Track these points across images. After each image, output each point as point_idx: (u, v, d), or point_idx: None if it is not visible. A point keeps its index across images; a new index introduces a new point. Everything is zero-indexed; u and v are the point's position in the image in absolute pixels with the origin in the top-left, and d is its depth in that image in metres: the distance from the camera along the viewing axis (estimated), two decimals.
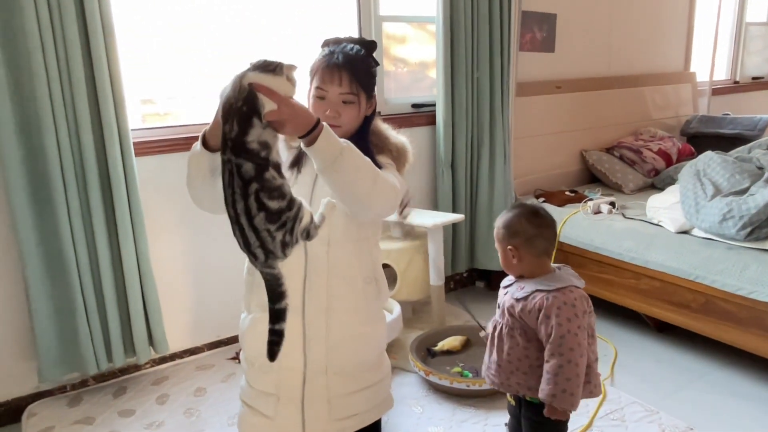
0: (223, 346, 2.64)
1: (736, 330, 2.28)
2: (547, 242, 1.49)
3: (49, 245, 2.07)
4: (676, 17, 4.12)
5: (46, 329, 2.11)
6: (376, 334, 1.61)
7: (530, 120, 3.36)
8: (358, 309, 1.54)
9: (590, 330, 1.46)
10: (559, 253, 2.91)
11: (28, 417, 2.16)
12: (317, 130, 1.23)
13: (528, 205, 1.55)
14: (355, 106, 1.46)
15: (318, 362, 1.51)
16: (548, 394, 1.39)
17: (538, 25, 3.32)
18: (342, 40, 1.52)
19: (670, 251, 2.47)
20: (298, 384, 1.52)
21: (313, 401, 1.52)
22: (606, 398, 2.18)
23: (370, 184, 1.31)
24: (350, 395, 1.56)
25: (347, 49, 1.47)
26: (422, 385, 2.30)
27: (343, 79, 1.43)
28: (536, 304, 1.42)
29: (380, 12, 2.87)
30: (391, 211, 1.45)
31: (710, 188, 2.56)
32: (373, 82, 1.51)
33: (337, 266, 1.49)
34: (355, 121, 1.49)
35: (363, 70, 1.47)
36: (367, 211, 1.40)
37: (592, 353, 1.46)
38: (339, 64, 1.43)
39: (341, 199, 1.35)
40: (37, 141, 1.98)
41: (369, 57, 1.51)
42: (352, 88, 1.44)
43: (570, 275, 1.49)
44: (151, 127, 2.40)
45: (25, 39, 1.88)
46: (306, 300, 1.48)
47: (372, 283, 1.57)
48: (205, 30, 2.49)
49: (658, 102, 4.09)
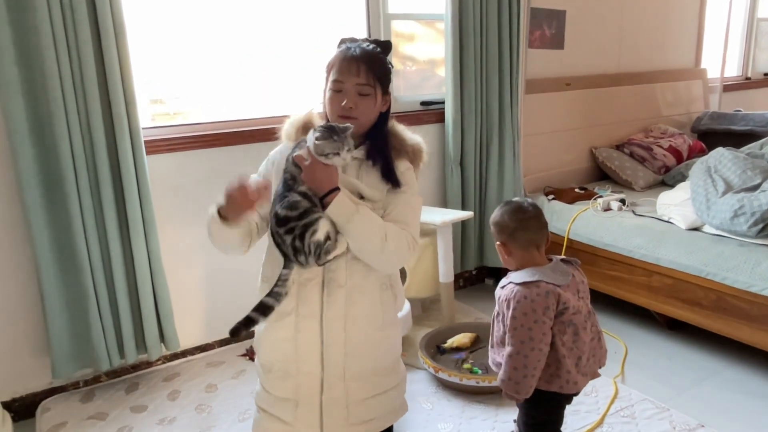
0: (233, 343, 2.65)
1: (748, 327, 2.27)
2: (530, 233, 1.54)
3: (62, 242, 2.09)
4: (687, 13, 4.09)
5: (59, 325, 2.14)
6: (392, 339, 1.63)
7: (540, 117, 3.35)
8: (375, 315, 1.55)
9: (574, 328, 1.50)
10: (569, 250, 2.91)
11: (42, 412, 2.19)
12: (330, 196, 1.39)
13: (513, 201, 1.61)
14: (372, 98, 1.48)
15: (336, 367, 1.52)
16: (499, 378, 1.53)
17: (547, 21, 3.31)
18: (357, 40, 1.55)
19: (681, 248, 2.46)
20: (317, 389, 1.53)
21: (331, 406, 1.54)
22: (617, 395, 2.17)
23: (378, 250, 1.43)
24: (367, 400, 1.57)
25: (364, 45, 1.51)
26: (432, 382, 2.31)
27: (361, 70, 1.46)
28: (506, 294, 1.53)
29: (389, 10, 2.87)
30: (404, 264, 1.57)
31: (721, 185, 2.55)
32: (388, 79, 1.54)
33: (355, 274, 1.51)
34: (371, 114, 1.51)
35: (379, 64, 1.50)
36: (377, 269, 1.51)
37: (567, 349, 1.49)
38: (356, 56, 1.47)
39: (356, 255, 1.47)
40: (49, 139, 2.00)
41: (385, 55, 1.54)
42: (369, 80, 1.46)
43: (554, 270, 1.52)
44: (162, 126, 2.41)
45: (38, 37, 1.90)
46: (324, 306, 1.50)
47: (388, 289, 1.58)
48: (212, 30, 2.51)
49: (669, 99, 4.06)
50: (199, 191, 2.45)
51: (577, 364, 1.52)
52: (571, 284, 1.52)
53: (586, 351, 1.53)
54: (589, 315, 1.57)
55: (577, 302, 1.52)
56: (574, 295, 1.52)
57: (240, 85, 2.64)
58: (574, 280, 1.55)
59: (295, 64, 2.70)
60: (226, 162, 2.48)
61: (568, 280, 1.51)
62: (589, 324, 1.55)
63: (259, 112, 2.62)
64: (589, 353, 1.56)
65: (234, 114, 2.60)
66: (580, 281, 1.58)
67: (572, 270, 1.56)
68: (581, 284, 1.58)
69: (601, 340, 1.61)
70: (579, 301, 1.53)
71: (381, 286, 1.56)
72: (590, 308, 1.59)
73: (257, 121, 2.58)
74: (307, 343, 1.50)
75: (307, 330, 1.49)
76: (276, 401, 1.57)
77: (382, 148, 1.52)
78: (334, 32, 2.80)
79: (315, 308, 1.49)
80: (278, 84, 2.69)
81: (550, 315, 1.46)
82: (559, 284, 1.48)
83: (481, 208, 3.13)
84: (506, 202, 1.62)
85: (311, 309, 1.49)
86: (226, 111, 2.60)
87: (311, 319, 1.49)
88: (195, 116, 2.57)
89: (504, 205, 1.61)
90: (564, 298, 1.47)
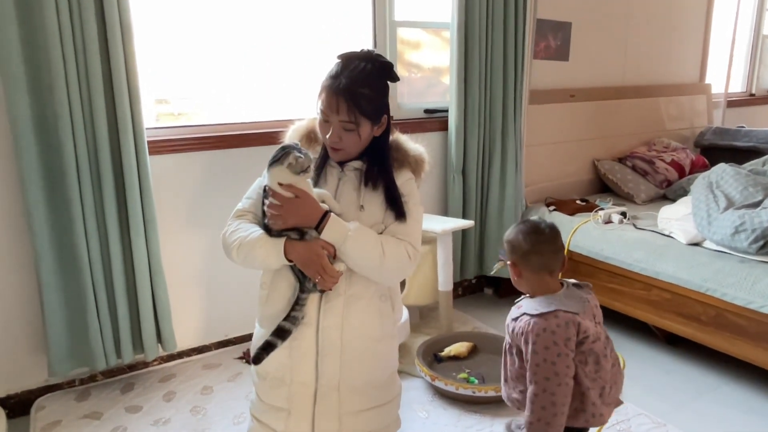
0: (230, 346, 2.65)
1: (747, 344, 2.26)
2: (544, 258, 1.46)
3: (62, 240, 2.09)
4: (693, 28, 4.10)
5: (57, 323, 2.14)
6: (389, 352, 1.61)
7: (543, 128, 3.35)
8: (373, 326, 1.54)
9: (595, 357, 1.42)
10: (569, 262, 2.87)
11: (37, 410, 2.18)
12: (323, 224, 1.41)
13: (531, 221, 1.53)
14: (355, 133, 1.45)
15: (331, 378, 1.50)
16: (526, 421, 1.40)
17: (552, 33, 3.32)
18: (354, 58, 1.45)
19: (681, 263, 2.46)
20: (310, 399, 1.51)
21: (324, 417, 1.52)
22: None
23: (377, 266, 1.44)
24: (361, 413, 1.55)
25: (355, 72, 1.42)
26: (428, 390, 2.30)
27: (341, 109, 1.41)
28: (521, 327, 1.42)
29: (395, 17, 2.88)
30: (406, 275, 1.55)
31: (723, 200, 2.54)
32: (380, 106, 1.47)
33: (355, 284, 1.50)
34: (356, 146, 1.48)
35: (366, 97, 1.42)
36: (380, 282, 1.52)
37: (591, 380, 1.41)
38: (339, 92, 1.41)
39: (357, 272, 1.48)
40: (53, 137, 2.00)
41: (381, 78, 1.47)
42: (350, 117, 1.42)
43: (569, 297, 1.44)
44: (166, 126, 2.42)
45: (45, 35, 1.91)
46: (321, 315, 1.48)
47: (387, 300, 1.57)
48: (220, 33, 2.52)
49: (673, 113, 4.07)
50: (202, 193, 2.45)
51: (601, 394, 1.43)
52: (587, 310, 1.44)
53: (608, 379, 1.45)
54: (607, 341, 1.49)
55: (595, 329, 1.43)
56: (591, 321, 1.44)
57: (245, 88, 2.65)
58: (589, 305, 1.47)
59: (300, 69, 2.71)
60: (229, 165, 2.49)
61: (584, 307, 1.43)
62: (608, 350, 1.47)
63: (263, 115, 2.63)
64: (612, 381, 1.47)
65: (238, 116, 2.60)
66: (594, 305, 1.49)
67: (586, 295, 1.49)
68: (596, 309, 1.49)
69: (619, 365, 1.53)
70: (597, 327, 1.45)
71: (381, 297, 1.55)
72: (606, 333, 1.50)
73: (261, 125, 2.59)
74: (303, 351, 1.49)
75: (303, 338, 1.48)
76: (269, 410, 1.55)
77: (382, 172, 1.50)
78: (340, 39, 2.82)
79: (312, 316, 1.48)
80: (283, 88, 2.70)
81: (572, 346, 1.37)
82: (576, 312, 1.40)
83: (482, 217, 3.13)
84: (523, 220, 1.54)
85: (308, 317, 1.48)
86: (231, 113, 2.61)
87: (307, 328, 1.48)
88: (200, 118, 2.57)
89: (520, 223, 1.52)
90: (584, 326, 1.39)
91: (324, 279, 1.42)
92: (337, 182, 1.53)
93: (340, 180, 1.53)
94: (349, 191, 1.51)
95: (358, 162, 1.51)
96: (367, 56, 1.46)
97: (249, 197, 1.59)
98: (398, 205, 1.49)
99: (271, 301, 1.53)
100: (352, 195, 1.50)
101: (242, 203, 1.58)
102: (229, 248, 1.50)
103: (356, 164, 1.52)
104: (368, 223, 1.48)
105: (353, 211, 1.49)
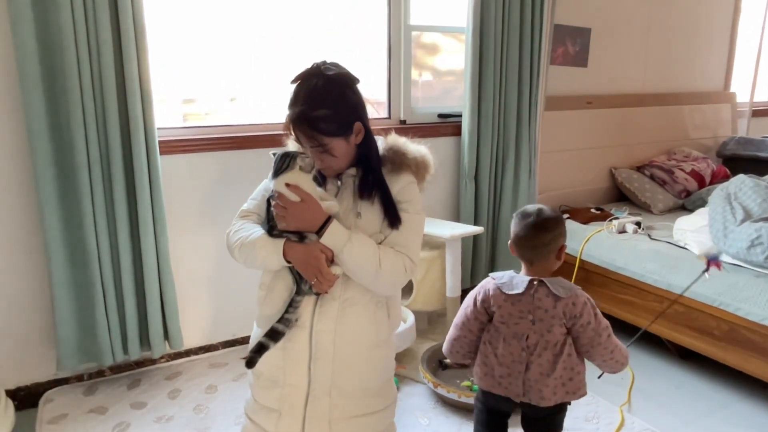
0: (238, 345, 2.67)
1: (761, 361, 2.20)
2: (519, 248, 1.59)
3: (73, 237, 2.13)
4: (718, 36, 4.02)
5: (66, 319, 2.17)
6: (384, 359, 1.60)
7: (559, 134, 3.31)
8: (368, 332, 1.53)
9: (497, 335, 1.56)
10: (581, 271, 2.86)
11: (45, 403, 2.22)
12: (324, 228, 1.42)
13: (529, 208, 1.59)
14: (328, 154, 1.44)
15: (323, 382, 1.49)
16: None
17: (571, 38, 3.28)
18: (304, 77, 1.42)
19: (694, 275, 2.38)
20: (301, 402, 1.51)
21: (314, 421, 1.51)
22: (623, 425, 2.12)
23: (372, 276, 1.44)
24: (352, 419, 1.53)
25: (308, 95, 1.40)
26: (431, 397, 2.28)
27: (304, 137, 1.42)
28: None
29: (410, 21, 2.87)
30: (400, 287, 1.56)
31: (740, 213, 2.48)
32: (344, 120, 1.43)
33: (351, 288, 1.49)
34: (340, 161, 1.47)
35: (324, 118, 1.39)
36: (374, 291, 1.51)
37: (490, 352, 1.58)
38: (295, 122, 1.40)
39: (352, 278, 1.48)
40: (66, 136, 2.04)
41: (336, 90, 1.41)
42: (313, 142, 1.41)
43: (518, 279, 1.57)
44: (178, 127, 2.45)
45: (60, 35, 1.95)
46: (315, 319, 1.48)
47: (383, 307, 1.56)
48: (236, 37, 2.54)
49: (695, 121, 3.99)
50: (212, 193, 2.47)
51: (494, 369, 1.57)
52: (523, 300, 1.53)
53: (503, 364, 1.55)
54: (537, 346, 1.51)
55: (515, 315, 1.53)
56: (516, 308, 1.53)
57: (258, 90, 2.66)
58: (532, 301, 1.52)
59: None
60: (240, 165, 2.51)
61: (516, 291, 1.54)
62: (519, 344, 1.53)
63: (274, 117, 2.64)
64: (509, 372, 1.55)
65: (250, 118, 2.62)
66: (545, 309, 1.51)
67: (545, 296, 1.51)
68: (542, 311, 1.51)
69: (550, 377, 1.52)
70: (520, 320, 1.53)
71: (377, 304, 1.53)
72: (546, 340, 1.51)
73: (272, 126, 2.60)
74: (296, 354, 1.48)
75: (297, 341, 1.48)
76: (261, 410, 1.55)
77: (376, 180, 1.49)
78: (355, 42, 2.82)
79: (306, 319, 1.48)
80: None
81: (476, 304, 1.59)
82: (505, 290, 1.54)
83: (494, 223, 3.10)
84: (524, 210, 1.60)
85: (302, 320, 1.48)
86: (244, 114, 2.63)
87: (301, 330, 1.48)
88: (224, 117, 2.61)
89: (521, 211, 1.61)
90: (495, 300, 1.56)
91: (320, 281, 1.42)
92: (337, 189, 1.53)
93: (340, 188, 1.53)
94: (348, 197, 1.51)
95: (353, 169, 1.51)
96: (315, 72, 1.42)
97: (254, 198, 1.60)
98: (393, 213, 1.48)
99: (268, 302, 1.53)
100: (350, 201, 1.50)
101: (247, 204, 1.59)
102: (231, 248, 1.52)
103: (351, 171, 1.51)
104: (365, 231, 1.47)
105: (351, 218, 1.48)
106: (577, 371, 1.55)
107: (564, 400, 1.55)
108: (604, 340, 1.54)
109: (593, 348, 1.54)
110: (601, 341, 1.53)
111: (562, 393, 1.54)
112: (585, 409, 2.20)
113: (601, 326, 1.54)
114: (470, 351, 1.66)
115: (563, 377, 1.53)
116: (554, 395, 1.53)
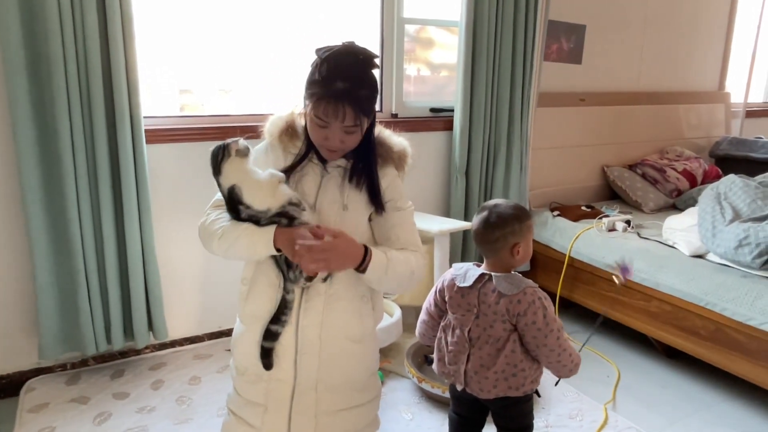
0: (223, 337, 2.65)
1: (746, 362, 2.20)
2: (476, 242, 1.62)
3: (56, 224, 2.11)
4: (713, 35, 4.00)
5: (49, 307, 2.16)
6: (368, 353, 1.59)
7: (551, 131, 3.30)
8: (353, 326, 1.52)
9: (447, 323, 1.63)
10: (570, 269, 2.85)
11: (27, 392, 2.20)
12: (366, 260, 1.41)
13: (488, 205, 1.59)
14: (358, 133, 1.41)
15: (309, 376, 1.49)
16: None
17: (565, 35, 3.27)
18: (341, 55, 1.36)
19: (682, 275, 2.40)
20: (287, 396, 1.50)
21: (300, 415, 1.51)
22: (607, 423, 2.12)
23: (407, 283, 1.51)
24: (338, 413, 1.54)
25: (349, 73, 1.34)
26: (415, 392, 2.28)
27: (347, 116, 1.34)
28: None
29: (403, 14, 2.85)
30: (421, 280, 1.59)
31: (729, 212, 2.47)
32: (374, 102, 1.42)
33: (336, 283, 1.48)
34: (356, 143, 1.44)
35: (366, 98, 1.37)
36: (395, 293, 1.55)
37: (444, 339, 1.64)
38: (341, 99, 1.33)
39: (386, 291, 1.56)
40: (50, 122, 2.02)
41: (370, 72, 1.39)
42: (355, 121, 1.36)
43: (471, 273, 1.59)
44: (165, 116, 2.43)
45: (45, 21, 1.92)
46: (301, 314, 1.47)
47: (368, 302, 1.55)
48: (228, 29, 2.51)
49: (689, 121, 3.98)
50: (198, 183, 2.45)
51: (445, 356, 1.63)
52: (470, 293, 1.57)
53: (451, 352, 1.61)
54: (469, 330, 1.56)
55: (462, 307, 1.58)
56: (464, 300, 1.57)
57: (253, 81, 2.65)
58: (477, 295, 1.56)
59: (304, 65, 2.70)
60: None
61: (465, 284, 1.57)
62: (463, 335, 1.57)
63: (260, 108, 2.62)
64: (455, 360, 1.60)
65: (239, 108, 2.60)
66: (488, 304, 1.53)
67: (491, 291, 1.53)
68: (486, 306, 1.54)
69: (489, 370, 1.54)
70: (466, 312, 1.57)
71: (362, 298, 1.53)
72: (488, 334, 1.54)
73: (261, 117, 2.57)
74: (282, 348, 1.47)
75: (283, 336, 1.47)
76: (246, 404, 1.54)
77: (367, 167, 1.47)
78: (348, 35, 2.80)
79: (292, 314, 1.47)
80: (286, 82, 2.69)
81: (436, 291, 1.67)
82: (457, 282, 1.59)
83: None
84: (491, 201, 1.62)
85: (288, 314, 1.47)
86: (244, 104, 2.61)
87: (287, 325, 1.47)
88: (218, 108, 2.59)
89: (486, 202, 1.63)
90: (448, 291, 1.61)
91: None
92: (320, 180, 1.49)
93: (323, 178, 1.49)
94: (333, 190, 1.48)
95: (343, 160, 1.49)
96: (352, 50, 1.37)
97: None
98: (379, 201, 1.48)
99: (252, 298, 1.51)
100: (335, 193, 1.48)
101: (219, 194, 1.54)
102: (210, 237, 1.45)
103: (341, 162, 1.49)
104: (351, 224, 1.46)
105: (336, 211, 1.46)
106: (522, 368, 1.54)
107: (506, 394, 1.56)
108: (550, 341, 1.50)
109: (538, 348, 1.52)
110: (546, 342, 1.50)
111: (504, 387, 1.55)
112: (569, 407, 2.20)
113: (548, 327, 1.50)
114: (435, 335, 1.71)
115: (505, 372, 1.54)
116: (494, 388, 1.55)
